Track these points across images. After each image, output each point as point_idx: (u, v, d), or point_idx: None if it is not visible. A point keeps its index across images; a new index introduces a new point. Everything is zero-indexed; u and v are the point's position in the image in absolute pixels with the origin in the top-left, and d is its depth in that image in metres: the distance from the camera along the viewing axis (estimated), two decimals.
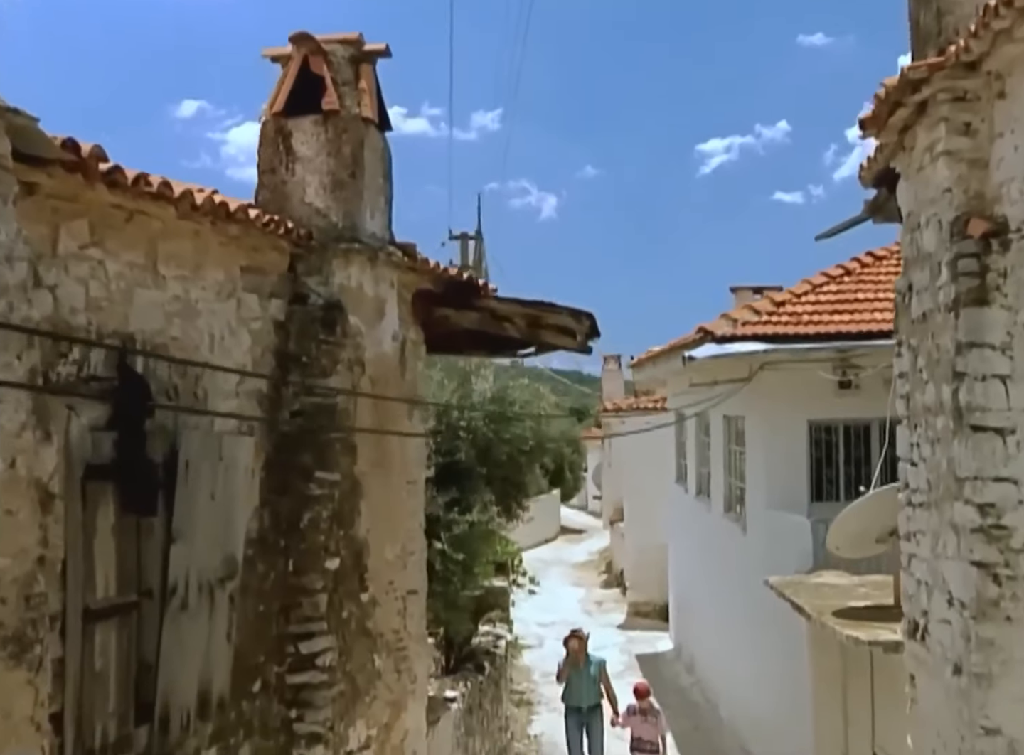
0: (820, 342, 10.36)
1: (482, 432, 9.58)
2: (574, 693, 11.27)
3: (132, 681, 4.05)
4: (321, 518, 5.38)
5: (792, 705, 10.04)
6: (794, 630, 9.70)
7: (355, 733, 5.58)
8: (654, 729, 11.02)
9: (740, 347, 10.39)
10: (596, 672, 11.33)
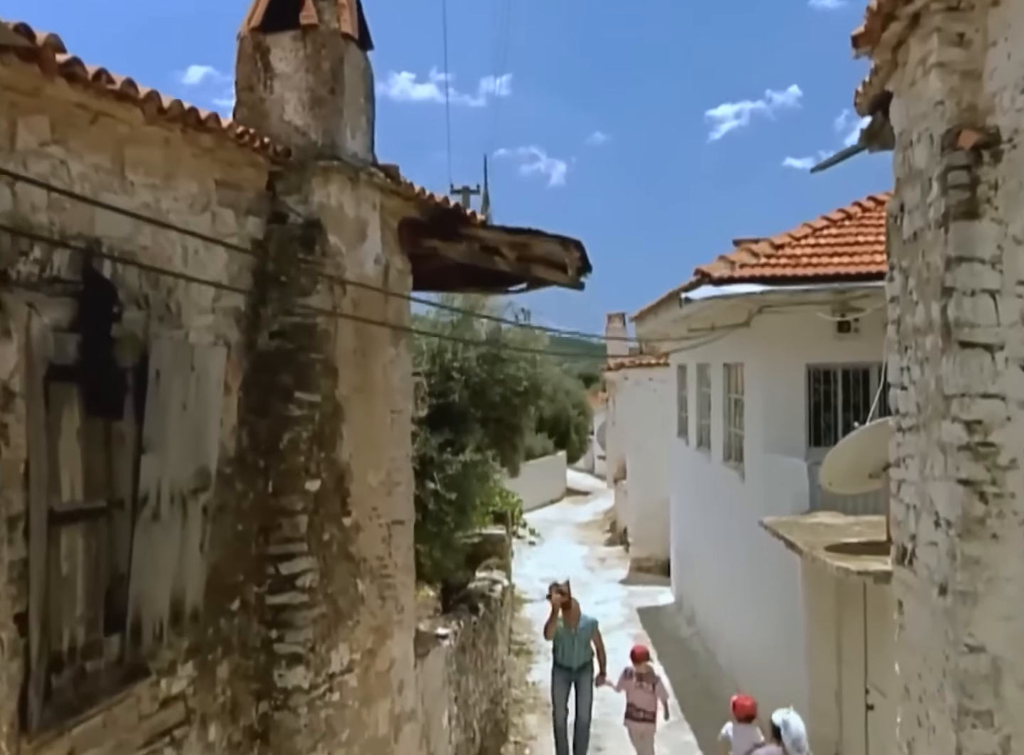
0: (819, 283, 10.24)
1: (476, 373, 9.50)
2: (565, 654, 10.88)
3: (102, 588, 4.00)
4: (301, 439, 5.32)
5: (788, 649, 10.03)
6: (790, 576, 9.68)
7: (337, 656, 5.55)
8: (650, 696, 10.38)
9: (737, 289, 10.28)
10: (588, 634, 10.91)
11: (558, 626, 10.76)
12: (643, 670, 10.45)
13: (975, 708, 5.04)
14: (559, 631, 10.79)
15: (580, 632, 10.75)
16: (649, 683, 10.42)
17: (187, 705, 4.63)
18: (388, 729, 6.29)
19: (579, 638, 10.76)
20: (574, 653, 10.76)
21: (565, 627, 10.72)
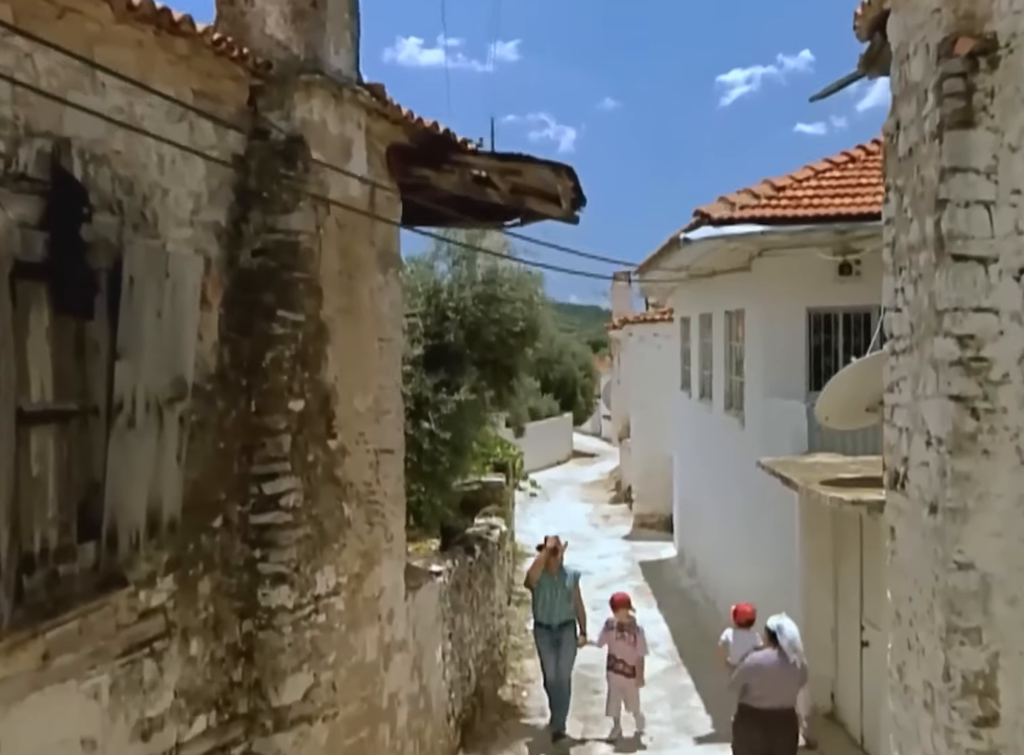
0: (820, 224, 10.10)
1: (471, 312, 9.42)
2: (546, 608, 10.04)
3: (74, 493, 3.96)
4: (284, 357, 5.26)
5: (785, 593, 9.98)
6: (788, 520, 9.63)
7: (323, 578, 5.52)
8: (632, 648, 9.94)
9: (737, 229, 10.14)
10: (571, 585, 10.14)
11: (541, 574, 10.12)
12: (624, 619, 9.97)
13: (963, 625, 4.99)
14: (541, 579, 10.07)
15: (562, 580, 10.08)
16: (631, 634, 9.96)
17: (167, 618, 4.60)
18: (377, 656, 6.27)
19: (562, 589, 10.05)
20: (555, 606, 9.99)
21: (547, 575, 10.05)
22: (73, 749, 4.04)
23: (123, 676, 4.30)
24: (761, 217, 10.30)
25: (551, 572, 10.03)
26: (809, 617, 9.12)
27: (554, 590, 10.01)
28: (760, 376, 11.17)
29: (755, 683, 7.43)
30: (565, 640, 10.01)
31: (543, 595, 10.05)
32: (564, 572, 10.16)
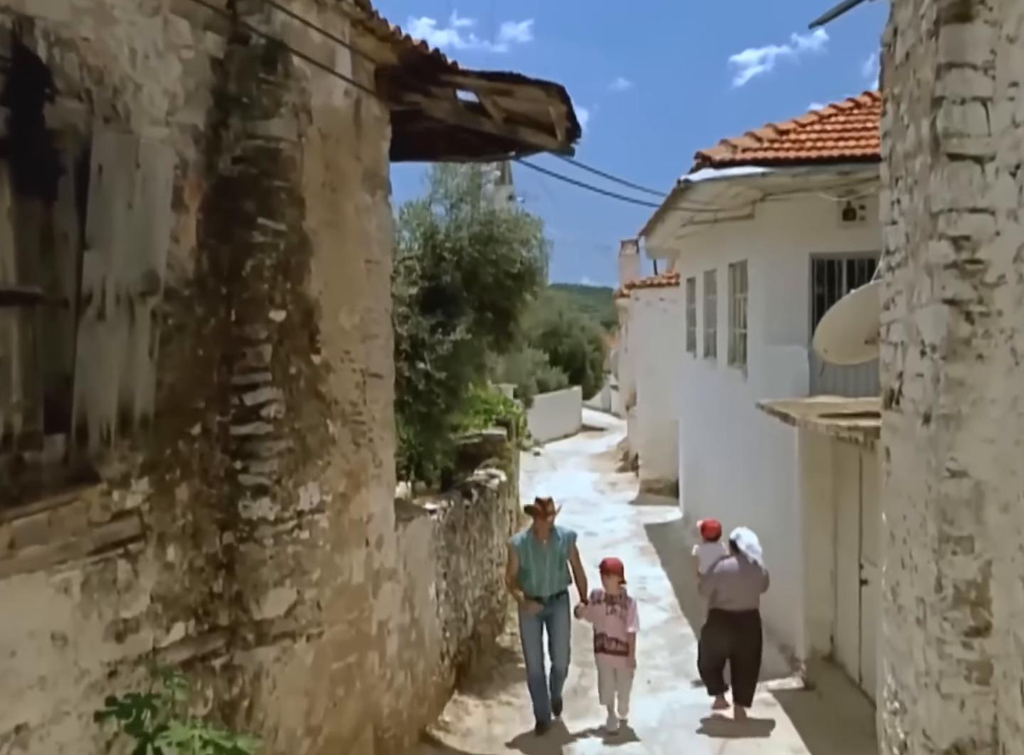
0: (823, 165, 9.94)
1: (468, 253, 9.30)
2: (533, 578, 8.42)
3: (40, 380, 3.88)
4: (264, 266, 5.16)
5: (785, 540, 9.89)
6: (788, 467, 9.52)
7: (306, 493, 5.44)
8: (622, 623, 8.45)
9: (738, 171, 9.99)
10: (564, 550, 8.54)
11: (526, 539, 8.57)
12: (614, 590, 8.54)
13: (956, 534, 4.88)
14: (527, 546, 8.49)
15: (554, 546, 8.46)
16: (622, 607, 8.48)
17: (143, 521, 4.52)
18: (365, 580, 6.20)
19: (552, 555, 8.44)
20: (545, 576, 8.39)
21: (535, 541, 8.48)
22: (43, 643, 3.97)
23: (95, 574, 4.23)
24: (763, 159, 10.15)
25: (541, 538, 8.46)
26: (809, 561, 9.03)
27: (542, 558, 8.41)
28: (762, 325, 11.04)
29: (722, 588, 8.61)
30: (558, 617, 8.50)
31: (530, 564, 8.46)
32: (556, 535, 8.57)
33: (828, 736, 7.37)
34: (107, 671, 4.30)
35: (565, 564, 8.51)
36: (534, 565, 8.38)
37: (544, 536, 8.42)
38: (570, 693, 9.00)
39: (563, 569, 8.48)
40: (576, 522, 19.45)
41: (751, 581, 8.48)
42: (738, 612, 8.42)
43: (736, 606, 8.43)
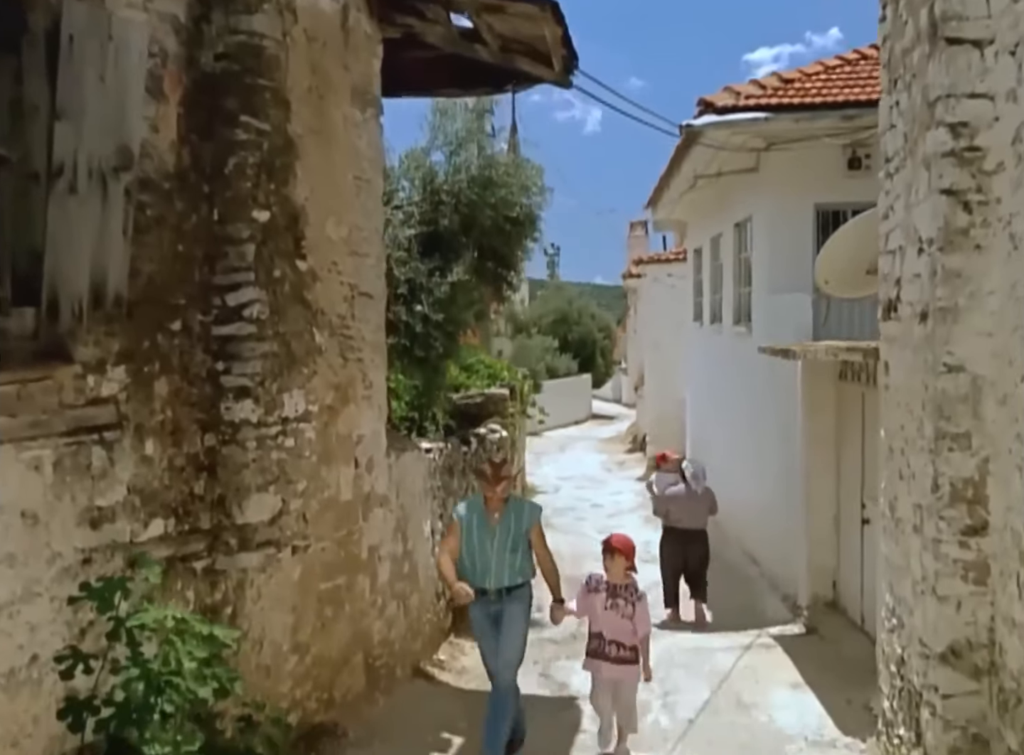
0: (828, 110, 9.80)
1: (466, 195, 9.18)
2: (476, 563, 6.00)
3: (6, 247, 3.81)
4: (247, 164, 5.07)
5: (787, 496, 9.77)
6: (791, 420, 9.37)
7: (291, 400, 5.35)
8: (628, 623, 6.12)
9: (741, 116, 9.86)
10: (522, 528, 6.02)
11: (473, 510, 6.11)
12: (619, 578, 6.13)
13: (953, 431, 4.78)
14: (473, 519, 6.05)
15: (507, 523, 6.00)
16: (628, 602, 6.11)
17: (119, 410, 4.43)
18: (354, 500, 6.11)
19: (504, 534, 5.97)
20: (492, 562, 5.96)
21: (483, 514, 6.03)
22: (12, 518, 3.89)
23: (68, 456, 4.14)
24: (767, 105, 10.01)
25: (491, 511, 6.02)
26: (811, 507, 8.91)
27: (490, 537, 5.97)
28: (766, 277, 10.90)
29: (672, 509, 10.02)
30: (508, 616, 5.97)
31: (474, 546, 6.00)
32: (512, 508, 6.06)
33: (828, 673, 7.25)
34: (81, 558, 4.22)
35: (524, 549, 5.99)
36: (478, 545, 5.94)
37: (495, 509, 5.97)
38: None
39: (521, 555, 5.98)
40: (583, 496, 19.46)
41: (696, 503, 9.87)
42: (686, 529, 9.88)
43: (685, 525, 9.89)
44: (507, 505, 6.06)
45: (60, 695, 4.09)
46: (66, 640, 4.12)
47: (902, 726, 5.39)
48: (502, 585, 5.97)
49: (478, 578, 5.96)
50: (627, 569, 6.20)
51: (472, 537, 6.00)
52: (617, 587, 6.15)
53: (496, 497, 6.00)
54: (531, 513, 6.13)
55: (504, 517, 6.01)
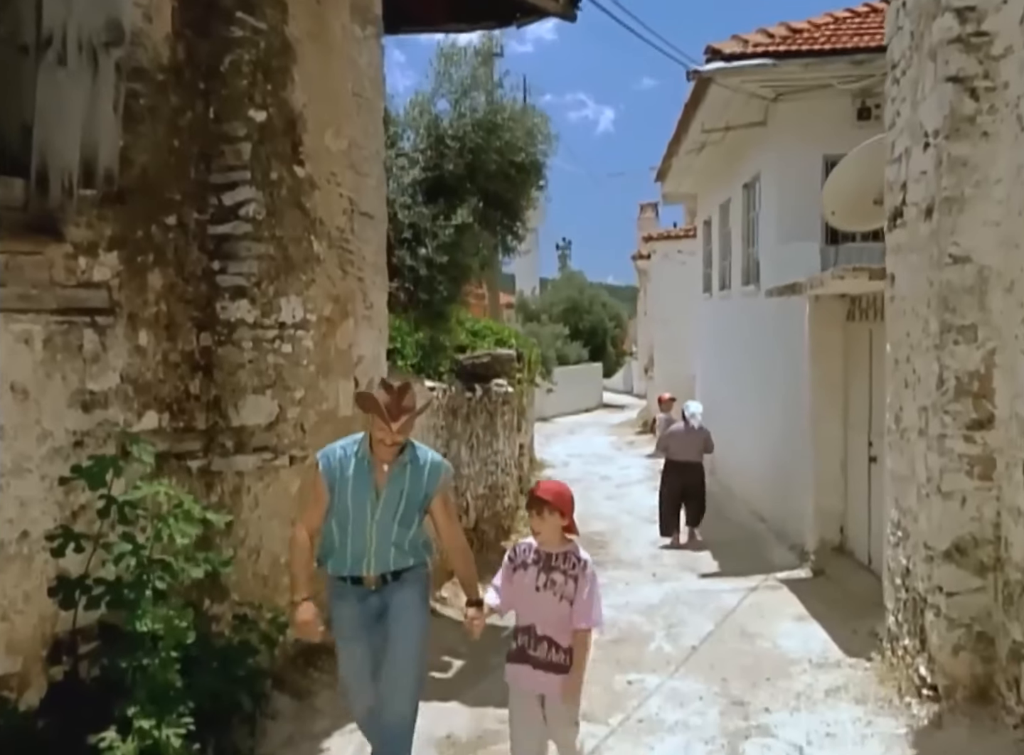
0: (837, 56, 9.69)
1: (471, 139, 9.11)
2: (349, 541, 4.10)
3: None
4: (243, 62, 5.02)
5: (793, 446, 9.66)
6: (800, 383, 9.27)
7: (288, 306, 5.30)
8: (560, 606, 3.98)
9: (748, 62, 9.75)
10: (421, 492, 4.11)
11: (351, 457, 4.11)
12: (554, 544, 4.05)
13: (958, 323, 4.70)
14: (350, 470, 4.08)
15: (399, 480, 4.08)
16: (567, 577, 4.00)
17: (111, 297, 4.40)
18: (353, 417, 6.05)
19: (394, 495, 4.08)
20: (372, 536, 4.07)
21: (367, 463, 4.08)
22: (2, 390, 3.85)
23: (59, 334, 4.10)
24: (775, 52, 9.90)
25: (380, 460, 4.05)
26: (819, 450, 8.81)
27: (371, 501, 4.05)
28: (774, 228, 10.79)
29: (672, 444, 11.02)
30: (395, 611, 4.12)
31: (347, 516, 4.08)
32: (408, 462, 4.09)
33: (834, 608, 7.16)
34: (73, 440, 4.18)
35: (419, 522, 4.15)
36: (353, 510, 4.04)
37: (386, 458, 4.03)
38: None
39: (415, 531, 4.13)
40: (591, 470, 19.38)
41: (693, 439, 10.83)
42: (684, 462, 10.82)
43: (682, 457, 10.84)
44: (403, 456, 4.04)
45: (51, 574, 4.06)
46: (57, 520, 4.09)
47: (907, 637, 5.31)
48: (386, 569, 4.06)
49: (350, 561, 4.06)
50: (565, 530, 4.02)
51: (345, 498, 4.01)
52: (552, 557, 3.99)
53: (391, 440, 3.93)
54: (436, 472, 4.09)
55: (396, 474, 4.02)
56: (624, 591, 8.28)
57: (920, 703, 4.87)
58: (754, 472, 12.36)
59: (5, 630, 3.89)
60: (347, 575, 4.12)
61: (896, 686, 5.22)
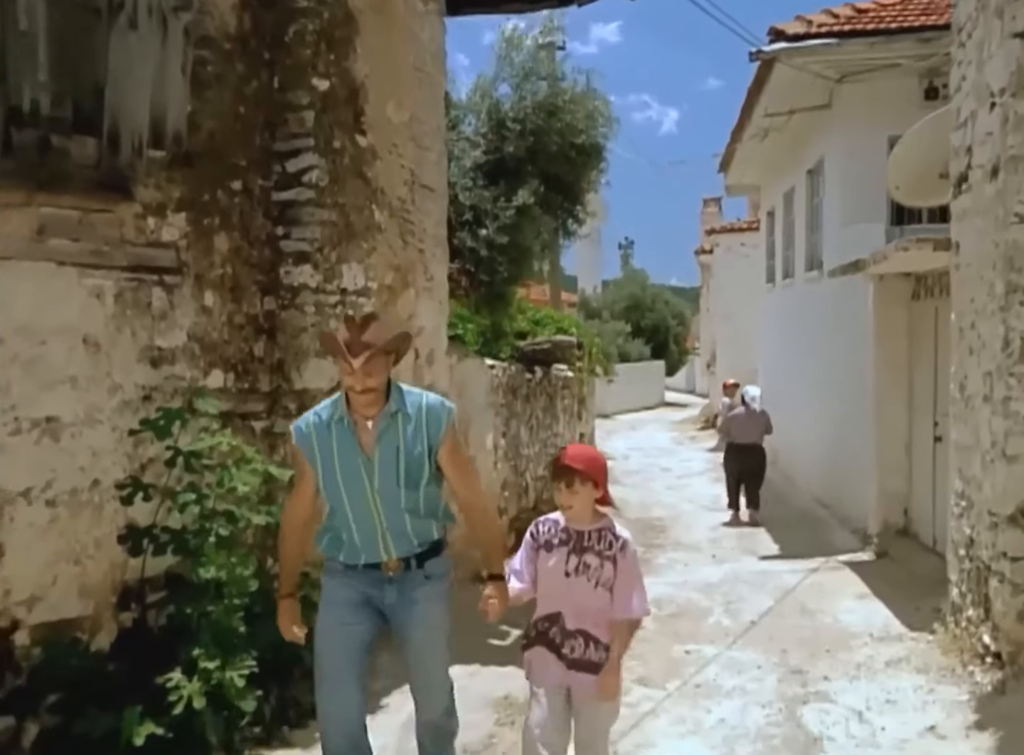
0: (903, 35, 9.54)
1: (531, 121, 9.15)
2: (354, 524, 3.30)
3: (68, 70, 3.89)
4: (307, 31, 5.12)
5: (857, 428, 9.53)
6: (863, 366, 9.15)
7: (350, 272, 5.38)
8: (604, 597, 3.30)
9: (812, 42, 9.66)
10: (420, 443, 3.26)
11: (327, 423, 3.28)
12: (585, 521, 3.35)
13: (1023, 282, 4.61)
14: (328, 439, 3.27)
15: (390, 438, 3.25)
16: (603, 559, 3.30)
17: (179, 257, 4.52)
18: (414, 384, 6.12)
19: (388, 457, 3.25)
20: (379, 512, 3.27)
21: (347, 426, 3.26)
22: (74, 342, 3.99)
23: (129, 291, 4.23)
24: (840, 32, 9.79)
25: (360, 417, 3.25)
26: (883, 433, 8.68)
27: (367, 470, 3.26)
28: (838, 211, 10.65)
29: (734, 426, 11.41)
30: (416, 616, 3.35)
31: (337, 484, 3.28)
32: (396, 409, 3.26)
33: (897, 587, 7.06)
34: (142, 393, 4.31)
35: (430, 474, 3.35)
36: (346, 486, 3.29)
37: (367, 412, 3.26)
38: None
39: (424, 493, 3.35)
40: (652, 463, 19.32)
41: (753, 422, 11.26)
42: (744, 444, 11.20)
43: (743, 440, 11.23)
44: (389, 405, 3.24)
45: (121, 523, 4.19)
46: (127, 471, 4.21)
47: (970, 607, 5.23)
48: (409, 548, 3.31)
49: (362, 546, 3.30)
50: (598, 502, 3.34)
51: (333, 471, 3.25)
52: (585, 536, 3.32)
53: (360, 385, 3.13)
54: (436, 417, 3.28)
55: (385, 429, 3.23)
56: (683, 571, 8.25)
57: (983, 671, 4.79)
58: (817, 459, 12.23)
59: (77, 574, 4.02)
60: (362, 563, 3.31)
61: (959, 656, 5.14)
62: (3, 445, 3.73)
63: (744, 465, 11.22)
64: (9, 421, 3.75)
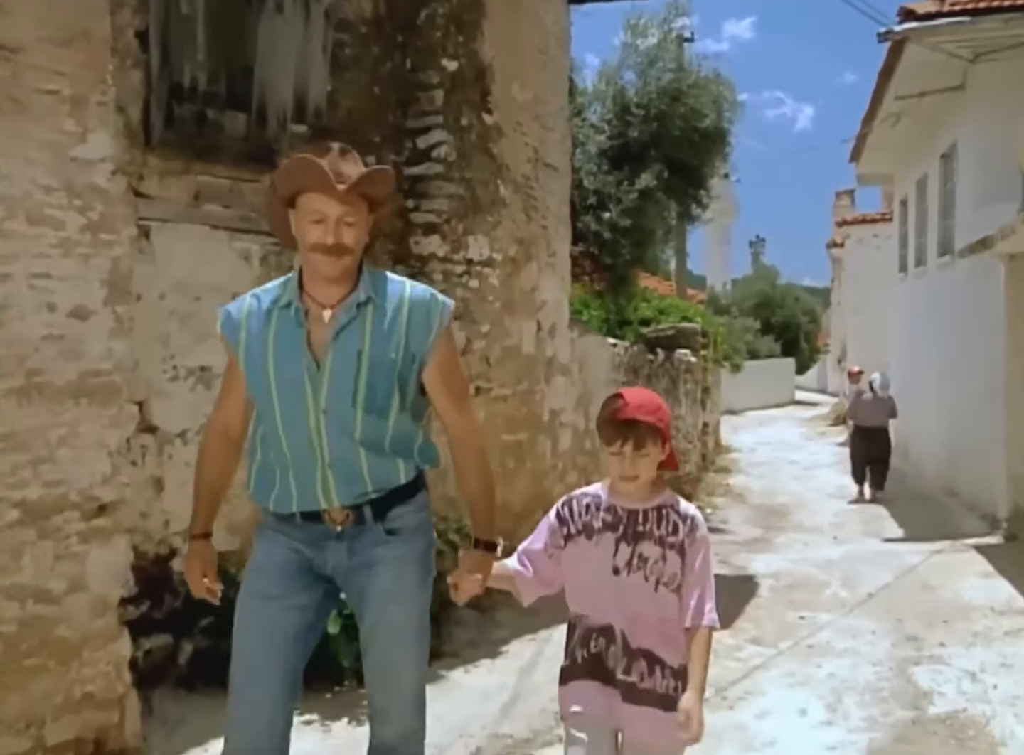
0: None
1: (655, 105, 9.29)
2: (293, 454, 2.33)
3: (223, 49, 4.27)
4: (437, 15, 5.43)
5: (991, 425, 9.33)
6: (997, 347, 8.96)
7: (476, 244, 5.66)
8: (670, 600, 2.31)
9: (943, 21, 9.50)
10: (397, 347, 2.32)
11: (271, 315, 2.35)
12: (641, 497, 2.33)
13: None
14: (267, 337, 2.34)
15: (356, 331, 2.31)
16: (667, 548, 2.30)
17: None
18: (535, 353, 6.37)
19: (345, 362, 2.29)
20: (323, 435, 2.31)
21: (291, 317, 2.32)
22: (224, 298, 4.30)
23: (273, 255, 4.60)
24: (974, 10, 9.61)
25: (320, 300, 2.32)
26: (1012, 415, 8.50)
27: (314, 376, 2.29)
28: (971, 193, 10.43)
29: (860, 410, 11.83)
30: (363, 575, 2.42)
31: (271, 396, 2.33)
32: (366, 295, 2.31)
33: None
34: None
35: (405, 398, 2.40)
36: (280, 391, 2.33)
37: (328, 298, 2.34)
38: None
39: (399, 413, 2.41)
40: (780, 456, 19.12)
41: (879, 406, 11.64)
42: (870, 427, 11.58)
43: (869, 423, 11.61)
44: (356, 293, 2.36)
45: None
46: None
47: None
48: (360, 492, 2.39)
49: (296, 487, 2.39)
50: (663, 467, 2.39)
51: (265, 378, 2.36)
52: (640, 517, 2.36)
53: (334, 238, 2.27)
54: (422, 314, 2.40)
55: (345, 324, 2.35)
56: (802, 550, 8.27)
57: None
58: (946, 447, 11.97)
59: (226, 512, 4.37)
60: (296, 511, 2.40)
61: None
62: (162, 390, 4.12)
63: (870, 447, 11.59)
64: (168, 369, 4.15)
